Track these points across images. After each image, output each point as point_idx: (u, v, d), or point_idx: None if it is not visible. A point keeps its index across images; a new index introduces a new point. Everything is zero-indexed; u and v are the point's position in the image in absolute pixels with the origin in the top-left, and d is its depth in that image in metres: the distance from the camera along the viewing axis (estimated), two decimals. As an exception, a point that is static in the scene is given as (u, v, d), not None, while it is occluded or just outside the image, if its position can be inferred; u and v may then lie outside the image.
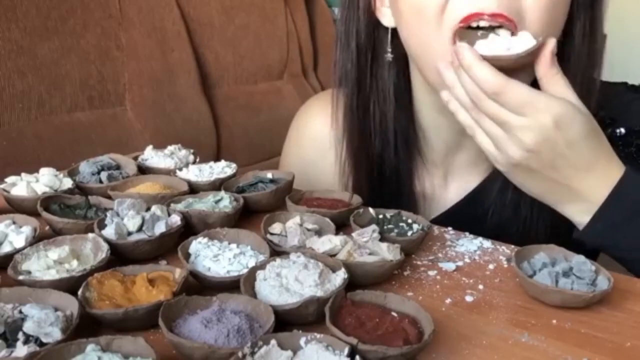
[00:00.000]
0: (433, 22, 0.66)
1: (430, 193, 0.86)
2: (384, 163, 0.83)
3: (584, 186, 0.62)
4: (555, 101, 0.59)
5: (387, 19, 0.76)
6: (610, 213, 0.61)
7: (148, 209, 0.65)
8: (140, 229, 0.62)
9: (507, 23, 0.63)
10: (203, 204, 0.68)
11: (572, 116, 0.59)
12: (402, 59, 0.78)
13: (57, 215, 0.65)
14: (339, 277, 0.52)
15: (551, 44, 0.60)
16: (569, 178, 0.61)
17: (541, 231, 0.77)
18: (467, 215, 0.81)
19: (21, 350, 0.42)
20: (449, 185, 0.86)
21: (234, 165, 0.82)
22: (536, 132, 0.58)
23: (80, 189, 0.77)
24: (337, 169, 0.85)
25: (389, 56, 0.78)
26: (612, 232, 0.62)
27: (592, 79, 0.73)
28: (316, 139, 0.92)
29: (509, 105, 0.59)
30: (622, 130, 0.76)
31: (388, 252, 0.57)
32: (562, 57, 0.66)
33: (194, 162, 0.86)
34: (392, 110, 0.81)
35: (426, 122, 0.82)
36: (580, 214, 0.63)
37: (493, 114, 0.60)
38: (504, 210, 0.79)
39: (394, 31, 0.75)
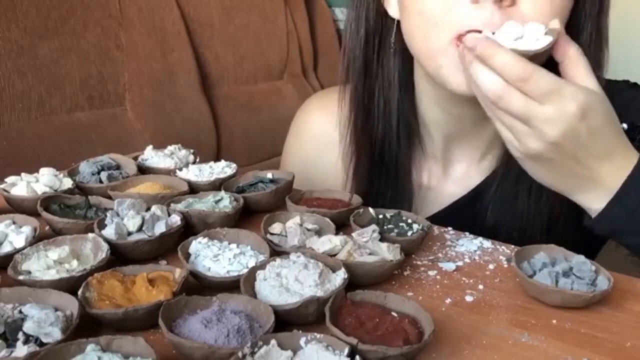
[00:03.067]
0: (434, 23, 0.66)
1: (428, 183, 0.86)
2: (385, 148, 0.84)
3: (602, 173, 0.61)
4: (580, 90, 0.57)
5: (393, 10, 0.77)
6: (628, 197, 0.61)
7: (148, 209, 0.65)
8: (140, 229, 0.62)
9: None
10: (203, 204, 0.68)
11: (597, 105, 0.58)
12: (407, 50, 0.79)
13: (57, 215, 0.65)
14: (339, 277, 0.52)
15: (558, 27, 0.59)
16: (588, 167, 0.61)
17: (537, 230, 0.77)
18: (466, 212, 0.82)
19: (21, 350, 0.42)
20: (448, 178, 0.86)
21: (234, 165, 0.82)
22: (560, 124, 0.57)
23: (80, 189, 0.77)
24: (340, 152, 0.86)
25: (393, 47, 0.79)
26: (628, 216, 0.61)
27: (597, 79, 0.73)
28: (316, 137, 0.93)
29: (534, 93, 0.56)
30: (625, 125, 0.75)
31: (388, 252, 0.57)
32: None
33: (194, 162, 0.86)
34: (396, 98, 0.81)
35: (426, 115, 0.83)
36: (596, 201, 0.63)
37: (516, 111, 0.58)
38: (502, 207, 0.79)
39: (399, 22, 0.76)
